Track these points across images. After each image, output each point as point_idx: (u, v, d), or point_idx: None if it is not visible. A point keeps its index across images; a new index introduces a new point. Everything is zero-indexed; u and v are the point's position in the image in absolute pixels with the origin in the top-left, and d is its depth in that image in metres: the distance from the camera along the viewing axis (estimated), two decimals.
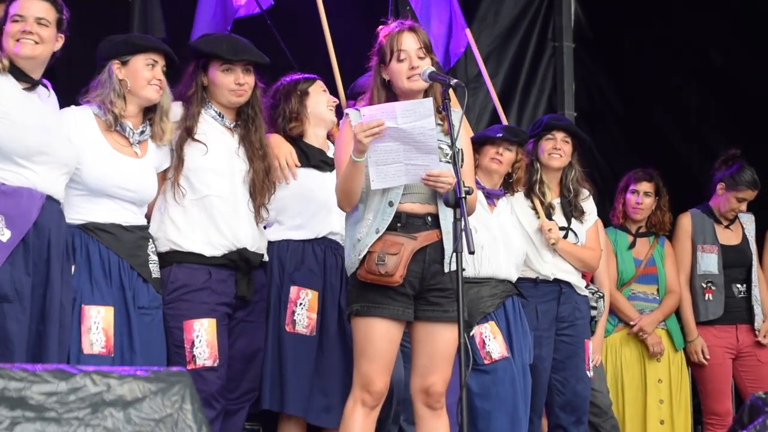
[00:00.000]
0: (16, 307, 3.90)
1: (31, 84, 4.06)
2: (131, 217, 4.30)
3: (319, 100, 4.79)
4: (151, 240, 4.37)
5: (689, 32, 7.35)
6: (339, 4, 6.27)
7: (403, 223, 4.06)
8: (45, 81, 4.16)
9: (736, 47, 7.19)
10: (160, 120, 4.34)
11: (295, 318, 4.58)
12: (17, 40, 4.00)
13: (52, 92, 4.18)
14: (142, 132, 4.33)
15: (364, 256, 4.02)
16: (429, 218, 4.10)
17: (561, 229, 5.42)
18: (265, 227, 4.64)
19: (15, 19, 4.02)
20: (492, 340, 5.02)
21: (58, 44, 4.10)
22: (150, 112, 4.38)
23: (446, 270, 4.08)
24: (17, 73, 4.03)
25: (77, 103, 4.35)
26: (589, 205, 5.56)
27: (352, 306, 4.09)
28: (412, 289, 4.07)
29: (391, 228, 4.05)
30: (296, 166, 4.70)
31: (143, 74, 4.27)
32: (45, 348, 3.95)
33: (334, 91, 5.27)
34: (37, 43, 4.02)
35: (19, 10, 4.02)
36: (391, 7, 6.21)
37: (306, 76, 4.85)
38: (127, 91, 4.27)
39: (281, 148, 4.68)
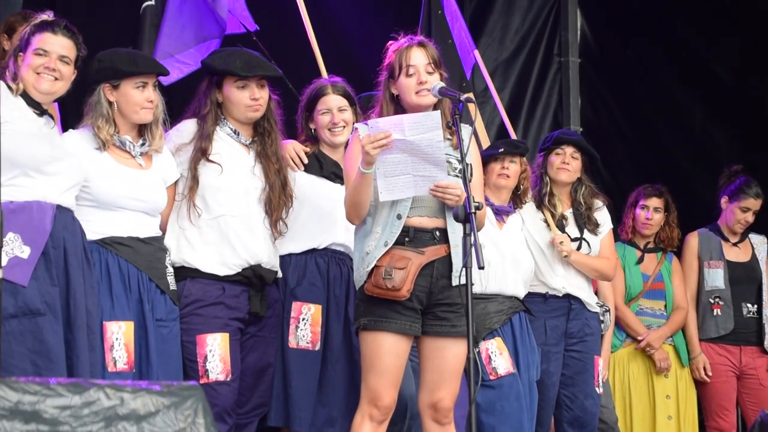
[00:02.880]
0: (50, 319, 3.93)
1: (39, 112, 4.10)
2: (147, 228, 4.31)
3: (321, 122, 4.77)
4: (168, 252, 4.38)
5: (695, 47, 7.36)
6: (368, 13, 6.31)
7: (411, 237, 4.07)
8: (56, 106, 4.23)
9: (742, 62, 7.20)
10: (149, 129, 4.35)
11: (298, 334, 4.59)
12: (38, 74, 4.06)
13: (57, 124, 4.23)
14: (143, 144, 4.34)
15: (372, 270, 4.03)
16: (437, 232, 4.10)
17: (574, 240, 5.43)
18: None
19: (39, 53, 4.06)
20: (498, 356, 5.03)
21: (71, 79, 4.17)
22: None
23: (454, 283, 4.09)
24: (28, 99, 4.08)
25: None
26: (602, 216, 5.56)
27: (360, 320, 4.09)
28: (419, 304, 4.08)
29: (399, 242, 4.05)
30: (305, 154, 4.70)
31: (134, 99, 4.27)
32: (76, 357, 3.97)
33: None
34: (56, 79, 4.08)
35: (43, 44, 4.06)
36: (424, 9, 6.23)
37: (314, 91, 4.82)
38: (119, 113, 4.28)
39: (288, 145, 4.69)
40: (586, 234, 5.48)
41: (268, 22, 5.90)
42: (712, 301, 6.27)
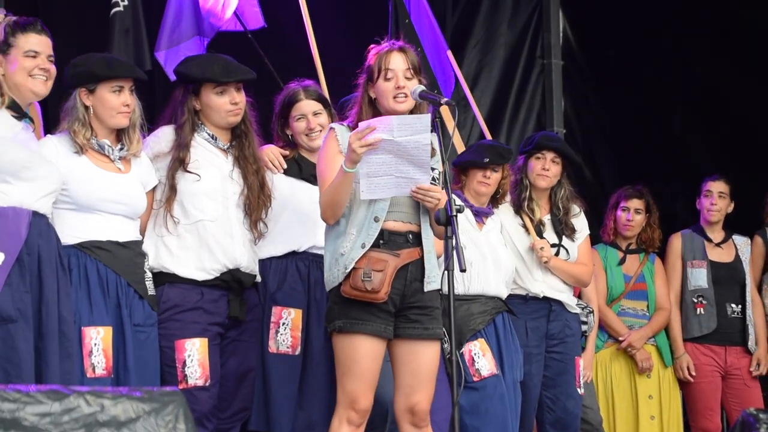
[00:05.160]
0: (21, 326, 3.92)
1: (18, 116, 4.09)
2: (126, 232, 4.30)
3: (297, 128, 4.78)
4: (146, 257, 4.38)
5: (676, 50, 7.40)
6: (329, 19, 6.32)
7: (385, 240, 4.08)
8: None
9: (720, 66, 7.23)
10: (127, 133, 4.34)
11: (278, 338, 4.59)
12: (30, 76, 4.06)
13: (39, 127, 4.23)
14: (121, 149, 4.33)
15: (349, 272, 4.03)
16: (410, 236, 4.12)
17: (552, 246, 5.43)
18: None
19: (30, 55, 4.05)
20: (481, 358, 5.03)
21: None
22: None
23: (426, 289, 4.10)
24: (11, 102, 4.07)
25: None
26: (579, 222, 5.56)
27: (335, 323, 4.08)
28: (393, 306, 4.08)
29: (374, 245, 4.06)
30: (284, 158, 4.72)
31: (111, 103, 4.26)
32: (46, 364, 3.96)
33: None
34: (47, 80, 4.10)
35: (33, 46, 4.06)
36: (392, 19, 6.25)
37: (287, 98, 4.82)
38: (95, 117, 4.28)
39: (266, 149, 4.71)
40: (564, 240, 5.48)
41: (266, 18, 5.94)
42: (695, 301, 6.30)
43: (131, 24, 5.46)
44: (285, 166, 4.73)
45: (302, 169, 4.75)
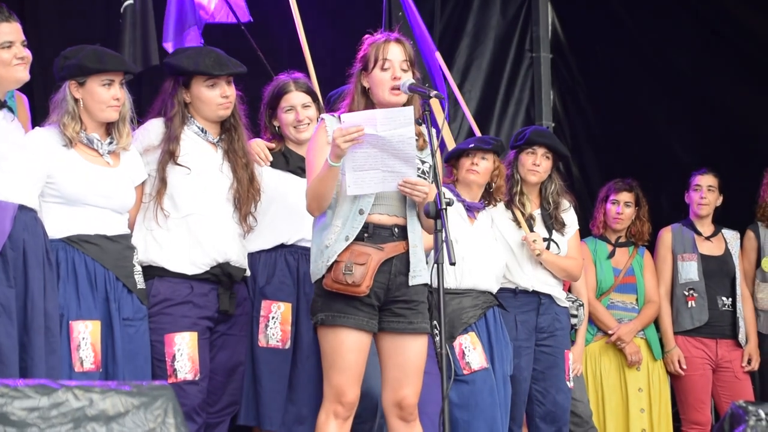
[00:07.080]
0: (5, 322, 3.90)
1: None
2: (114, 226, 4.28)
3: (285, 120, 4.77)
4: (135, 250, 4.36)
5: (662, 44, 7.41)
6: (319, 13, 6.31)
7: (370, 233, 4.07)
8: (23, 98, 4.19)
9: (706, 59, 7.24)
10: (116, 127, 4.33)
11: (267, 332, 4.59)
12: (10, 65, 4.02)
13: (16, 118, 4.17)
14: (110, 142, 4.32)
15: (331, 265, 4.02)
16: (396, 229, 4.11)
17: (543, 240, 5.44)
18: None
19: (5, 46, 4.01)
20: (472, 351, 5.04)
21: None
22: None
23: (411, 283, 4.09)
24: None
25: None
26: (569, 217, 5.57)
27: (318, 315, 4.08)
28: (377, 300, 4.08)
29: (359, 238, 4.05)
30: (270, 151, 4.72)
31: (101, 96, 4.24)
32: (31, 359, 3.93)
33: None
34: (26, 65, 4.06)
35: (6, 36, 4.02)
36: (385, 13, 6.25)
37: (277, 89, 4.81)
38: (85, 110, 4.26)
39: (252, 142, 4.70)
40: (554, 234, 5.49)
41: (254, 11, 5.93)
42: (687, 293, 6.31)
43: (140, 18, 5.44)
44: (271, 159, 4.72)
45: (289, 161, 4.74)
